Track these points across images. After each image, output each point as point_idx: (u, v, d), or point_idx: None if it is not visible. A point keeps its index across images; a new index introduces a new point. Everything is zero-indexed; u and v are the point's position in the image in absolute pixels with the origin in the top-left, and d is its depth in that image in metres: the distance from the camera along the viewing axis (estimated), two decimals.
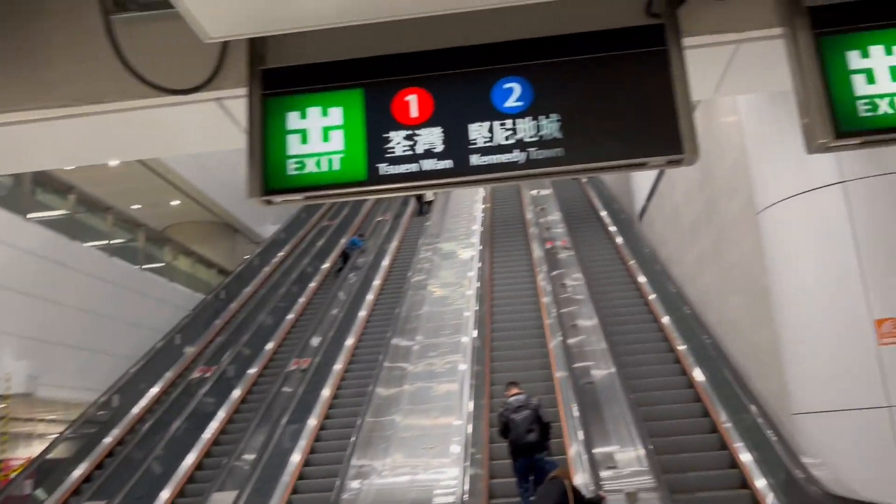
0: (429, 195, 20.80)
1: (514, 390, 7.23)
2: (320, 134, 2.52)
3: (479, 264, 12.74)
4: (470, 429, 7.53)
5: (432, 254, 16.77)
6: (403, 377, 11.09)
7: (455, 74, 2.49)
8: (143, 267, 14.16)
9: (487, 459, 7.67)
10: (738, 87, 3.27)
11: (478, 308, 10.80)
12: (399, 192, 2.51)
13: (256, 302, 14.83)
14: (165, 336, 12.84)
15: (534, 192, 17.13)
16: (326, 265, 17.09)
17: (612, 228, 14.11)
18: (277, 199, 2.55)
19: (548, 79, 2.44)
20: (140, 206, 17.17)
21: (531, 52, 2.45)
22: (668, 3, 2.39)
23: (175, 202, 16.78)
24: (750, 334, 7.49)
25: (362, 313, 13.75)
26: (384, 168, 2.46)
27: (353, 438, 8.40)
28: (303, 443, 9.20)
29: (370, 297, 14.58)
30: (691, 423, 7.74)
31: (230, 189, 17.34)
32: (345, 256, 15.89)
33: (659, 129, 2.28)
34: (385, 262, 16.53)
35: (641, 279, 11.33)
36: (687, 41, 2.41)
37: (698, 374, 8.22)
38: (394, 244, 17.96)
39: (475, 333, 9.78)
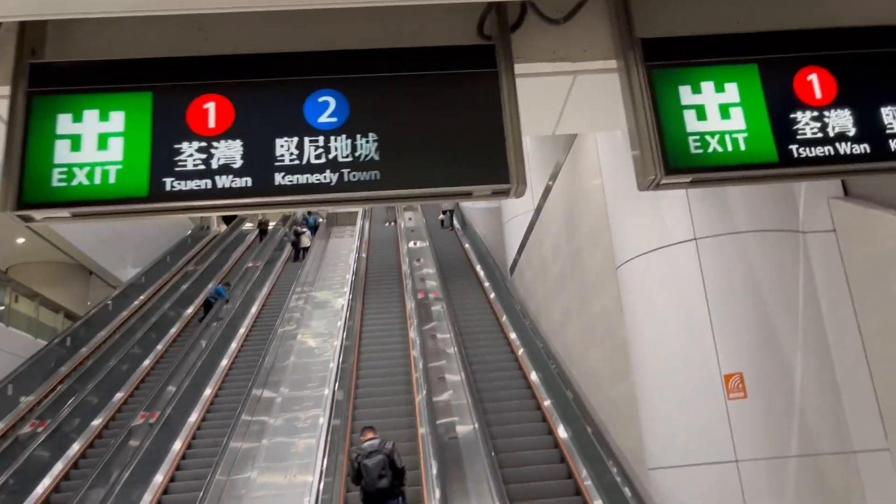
0: (305, 241, 20.33)
1: (370, 435, 7.05)
2: (95, 141, 2.14)
3: (347, 314, 12.32)
4: (321, 486, 7.03)
5: (304, 302, 16.19)
6: (262, 431, 10.42)
7: (263, 83, 2.20)
8: None
9: None
10: (579, 123, 3.18)
11: (342, 360, 10.36)
12: (184, 211, 2.17)
13: (108, 349, 13.67)
14: None
15: (411, 244, 17.00)
16: (189, 311, 16.12)
17: (486, 284, 14.11)
18: (37, 214, 2.14)
19: (367, 95, 2.20)
20: None
21: (350, 65, 2.20)
22: (500, 26, 2.23)
23: (20, 240, 15.35)
24: (609, 388, 7.49)
25: (224, 362, 12.97)
26: (171, 183, 2.13)
27: (200, 495, 7.68)
28: (146, 500, 8.38)
29: (234, 345, 13.81)
30: (555, 483, 7.57)
31: (83, 228, 16.15)
32: (207, 305, 14.96)
33: (485, 157, 2.08)
34: (253, 310, 15.80)
35: (512, 334, 11.28)
36: (521, 68, 2.25)
37: (562, 431, 8.11)
38: (264, 291, 17.23)
39: (336, 386, 9.32)
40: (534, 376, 9.63)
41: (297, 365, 12.85)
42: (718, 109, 2.10)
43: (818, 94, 2.12)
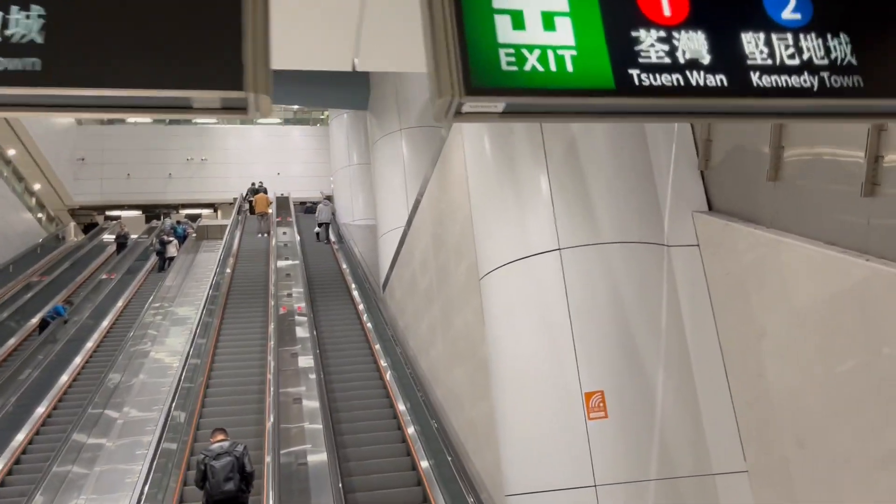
0: (171, 250, 18.99)
1: (220, 436, 6.61)
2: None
3: (198, 331, 11.29)
4: None
5: (162, 318, 14.91)
6: (96, 457, 9.23)
7: None
8: None
9: None
10: (379, 50, 2.64)
11: (186, 380, 9.39)
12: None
13: None
14: None
15: (281, 262, 16.08)
16: (34, 322, 14.47)
17: (361, 306, 13.42)
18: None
19: None
20: None
21: None
22: None
23: None
24: (470, 409, 7.01)
25: (64, 378, 11.63)
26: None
27: None
28: None
29: (78, 360, 12.43)
30: None
31: None
32: (43, 325, 13.33)
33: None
34: (104, 324, 14.38)
35: (382, 361, 10.68)
36: None
37: (423, 461, 7.52)
38: (119, 304, 15.80)
39: (171, 406, 8.37)
40: (401, 406, 9.03)
41: (145, 384, 11.67)
42: (541, 17, 1.64)
43: (667, 11, 1.71)
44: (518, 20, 1.58)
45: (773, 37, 1.77)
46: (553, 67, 1.55)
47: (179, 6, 1.45)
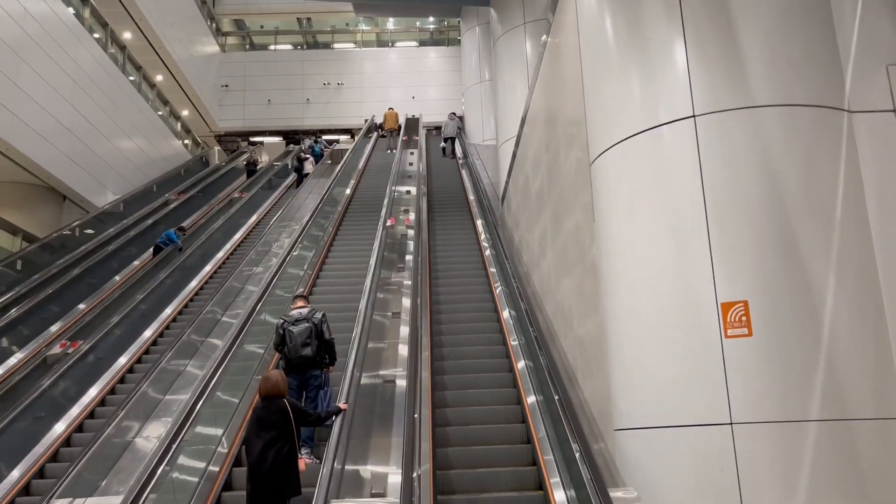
0: (308, 167, 18.98)
1: (300, 303, 6.61)
2: None
3: (299, 243, 10.78)
4: None
5: (283, 232, 14.71)
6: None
7: None
8: None
9: None
10: None
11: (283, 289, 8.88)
12: None
13: (62, 276, 12.29)
14: None
15: (403, 177, 15.31)
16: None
17: (478, 220, 12.40)
18: None
19: None
20: None
21: None
22: None
23: None
24: (578, 326, 5.82)
25: (193, 283, 11.79)
26: None
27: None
28: None
29: (208, 267, 12.46)
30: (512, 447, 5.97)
31: (52, 148, 14.86)
32: (157, 250, 13.28)
33: None
34: (237, 236, 14.44)
35: (488, 254, 9.65)
36: None
37: (527, 386, 6.41)
38: (252, 219, 15.90)
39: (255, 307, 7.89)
40: (506, 314, 8.00)
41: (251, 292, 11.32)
42: None
43: None
44: None
45: None
46: None
47: None
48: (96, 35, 18.20)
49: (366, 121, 25.19)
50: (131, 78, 20.20)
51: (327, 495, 4.34)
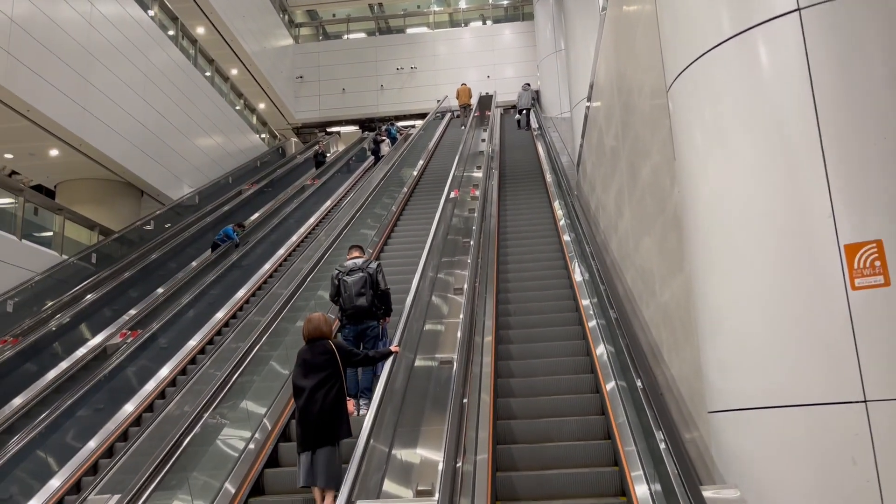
0: (384, 149, 18.58)
1: (355, 253, 6.55)
2: None
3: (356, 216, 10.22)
4: None
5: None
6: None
7: None
8: None
9: None
10: None
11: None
12: None
13: (135, 268, 12.25)
14: None
15: (474, 150, 14.53)
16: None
17: (552, 187, 11.49)
18: None
19: None
20: (12, 156, 14.69)
21: None
22: None
23: (54, 152, 14.29)
24: (661, 290, 4.87)
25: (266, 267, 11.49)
26: None
27: None
28: None
29: (281, 251, 12.16)
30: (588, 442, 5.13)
31: (126, 143, 14.95)
32: (213, 247, 12.90)
33: None
34: (311, 220, 14.09)
35: (564, 222, 8.76)
36: None
37: (606, 372, 5.54)
38: (327, 203, 15.57)
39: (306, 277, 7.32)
40: (578, 277, 7.14)
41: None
42: None
43: None
44: None
45: None
46: None
47: None
48: (170, 32, 18.32)
49: (438, 101, 24.55)
50: (206, 74, 20.31)
51: (357, 478, 3.65)
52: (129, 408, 7.77)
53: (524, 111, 18.15)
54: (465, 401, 4.31)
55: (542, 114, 18.62)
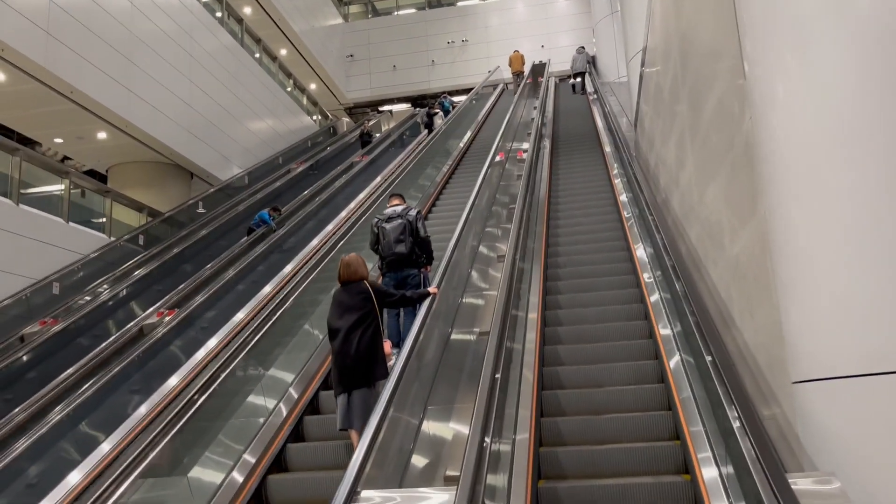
0: (437, 122, 18.10)
1: (395, 201, 6.41)
2: None
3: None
4: None
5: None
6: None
7: None
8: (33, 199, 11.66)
9: None
10: None
11: None
12: None
13: (182, 249, 12.07)
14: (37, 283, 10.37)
15: (525, 116, 13.80)
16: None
17: (608, 148, 10.70)
18: None
19: None
20: (62, 141, 14.74)
21: None
22: None
23: (102, 135, 14.26)
24: (730, 243, 4.14)
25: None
26: None
27: None
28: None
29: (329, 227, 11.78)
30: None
31: (173, 124, 14.83)
32: (249, 232, 12.48)
33: None
34: (361, 196, 13.62)
35: (619, 180, 8.04)
36: None
37: (669, 347, 4.85)
38: (377, 180, 15.07)
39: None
40: (640, 252, 6.43)
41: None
42: None
43: None
44: None
45: None
46: None
47: None
48: (217, 14, 18.13)
49: (489, 71, 23.78)
50: (256, 56, 20.11)
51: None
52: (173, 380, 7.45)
53: (579, 75, 17.25)
54: (497, 376, 3.72)
55: (598, 79, 17.67)
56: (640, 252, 6.34)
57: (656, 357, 5.08)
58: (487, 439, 3.16)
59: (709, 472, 3.29)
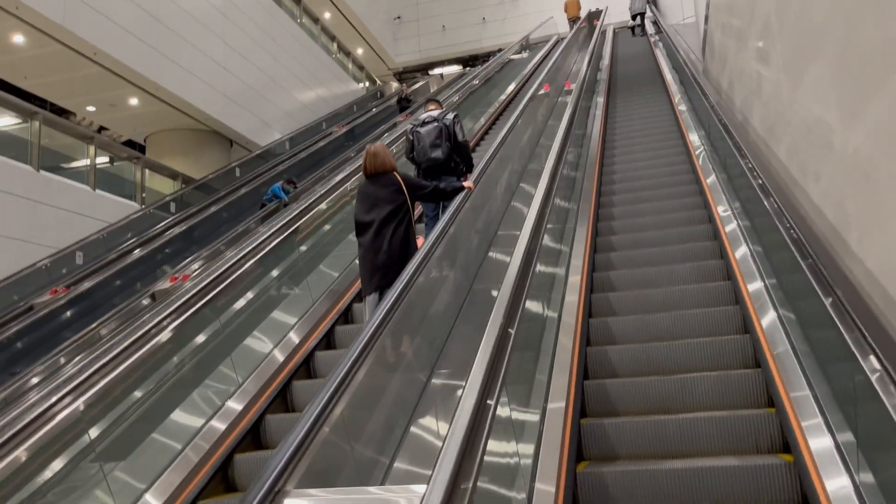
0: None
1: (431, 106, 5.95)
2: None
3: None
4: None
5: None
6: None
7: None
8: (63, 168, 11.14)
9: None
10: None
11: None
12: None
13: (216, 218, 11.42)
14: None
15: (579, 58, 12.52)
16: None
17: (673, 86, 9.39)
18: None
19: None
20: (94, 109, 14.23)
21: None
22: None
23: (133, 101, 13.68)
24: (845, 139, 2.96)
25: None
26: None
27: None
28: None
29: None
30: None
31: (207, 86, 14.15)
32: (261, 206, 11.44)
33: None
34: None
35: (693, 137, 6.79)
36: None
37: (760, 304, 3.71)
38: None
39: None
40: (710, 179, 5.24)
41: None
42: None
43: None
44: None
45: None
46: None
47: None
48: None
49: (541, 23, 22.38)
50: (300, 21, 19.30)
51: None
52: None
53: (637, 16, 15.76)
54: (510, 330, 2.68)
55: (662, 19, 16.12)
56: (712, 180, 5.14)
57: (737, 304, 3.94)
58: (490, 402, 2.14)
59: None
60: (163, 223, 11.21)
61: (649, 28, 15.64)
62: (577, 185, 6.10)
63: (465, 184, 4.81)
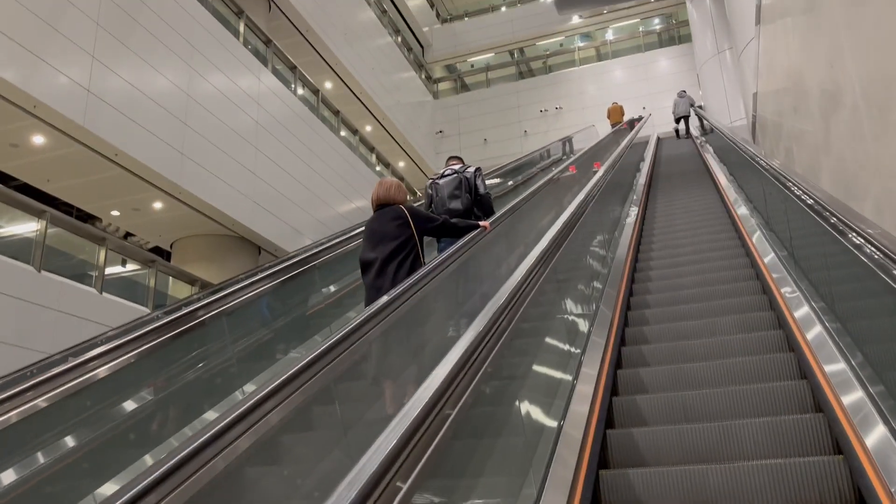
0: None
1: (452, 162, 5.89)
2: None
3: None
4: None
5: None
6: None
7: None
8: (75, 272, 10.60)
9: None
10: None
11: None
12: None
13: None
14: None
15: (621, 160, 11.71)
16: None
17: (721, 179, 8.38)
18: None
19: None
20: (118, 213, 13.91)
21: None
22: None
23: (157, 205, 13.33)
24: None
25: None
26: None
27: None
28: None
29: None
30: None
31: (232, 190, 13.78)
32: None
33: None
34: None
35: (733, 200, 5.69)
36: None
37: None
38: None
39: None
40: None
41: None
42: None
43: None
44: None
45: None
46: None
47: None
48: (299, 91, 17.52)
49: (581, 129, 21.95)
50: (343, 134, 19.33)
51: None
52: None
53: (682, 119, 15.11)
54: None
55: (708, 120, 15.42)
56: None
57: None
58: None
59: None
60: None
61: (695, 131, 14.93)
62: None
63: (482, 223, 4.54)
